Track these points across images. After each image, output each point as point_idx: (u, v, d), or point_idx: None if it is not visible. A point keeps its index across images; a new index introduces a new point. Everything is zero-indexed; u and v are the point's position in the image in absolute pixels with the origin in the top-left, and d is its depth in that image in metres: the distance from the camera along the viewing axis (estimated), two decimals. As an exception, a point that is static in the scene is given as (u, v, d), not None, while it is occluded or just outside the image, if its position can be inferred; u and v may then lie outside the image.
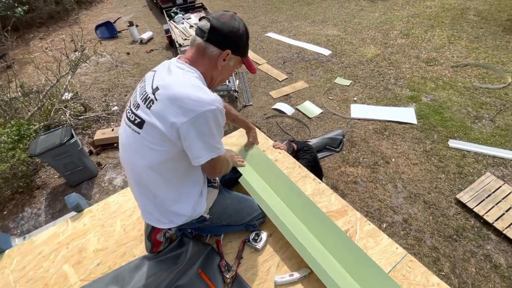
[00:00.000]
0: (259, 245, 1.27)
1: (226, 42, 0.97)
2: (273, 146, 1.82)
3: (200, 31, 0.97)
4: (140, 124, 0.94)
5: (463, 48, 4.87)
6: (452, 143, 3.19)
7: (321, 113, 3.88)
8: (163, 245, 1.31)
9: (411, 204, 2.67)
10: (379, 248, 1.19)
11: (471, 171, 2.86)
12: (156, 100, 0.91)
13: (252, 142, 1.68)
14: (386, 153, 3.20)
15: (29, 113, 3.57)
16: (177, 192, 1.08)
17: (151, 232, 1.25)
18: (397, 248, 1.18)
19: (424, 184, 2.81)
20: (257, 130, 1.81)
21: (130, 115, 0.99)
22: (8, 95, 3.70)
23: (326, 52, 5.24)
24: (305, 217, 1.31)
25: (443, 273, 2.13)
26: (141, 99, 0.97)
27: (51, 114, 3.64)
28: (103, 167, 3.47)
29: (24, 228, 2.93)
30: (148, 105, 0.93)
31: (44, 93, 3.69)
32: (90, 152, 3.63)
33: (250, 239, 1.30)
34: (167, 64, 1.01)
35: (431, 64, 4.59)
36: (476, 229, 2.38)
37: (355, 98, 4.08)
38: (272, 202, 1.36)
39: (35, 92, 4.02)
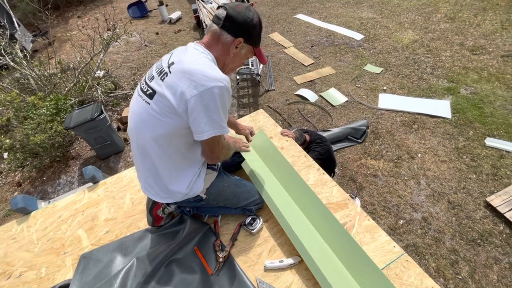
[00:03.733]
0: (254, 229, 1.29)
1: (239, 30, 1.03)
2: (281, 133, 1.79)
3: (216, 19, 1.03)
4: (151, 95, 1.00)
5: (519, 35, 4.28)
6: (490, 141, 2.89)
7: (346, 101, 3.71)
8: (164, 220, 1.39)
9: (433, 203, 2.51)
10: (375, 245, 1.15)
11: (508, 173, 2.59)
12: (170, 73, 0.97)
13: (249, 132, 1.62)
14: (412, 147, 3.00)
15: (66, 89, 3.85)
16: (176, 169, 1.12)
17: (152, 207, 1.32)
18: (394, 246, 1.13)
19: (450, 183, 2.62)
20: (266, 115, 1.77)
21: (143, 86, 1.05)
22: (48, 71, 4.00)
23: (358, 36, 4.90)
24: (304, 206, 1.30)
25: (460, 277, 2.02)
26: (156, 72, 1.03)
27: (85, 90, 3.90)
28: (129, 142, 3.68)
29: (60, 193, 3.23)
30: (162, 77, 0.99)
31: (79, 70, 3.93)
32: (118, 128, 3.86)
33: (246, 223, 1.32)
34: (184, 47, 1.08)
35: (477, 52, 4.10)
36: (504, 235, 2.20)
37: (384, 87, 3.82)
38: (271, 189, 1.36)
39: (71, 69, 4.32)
